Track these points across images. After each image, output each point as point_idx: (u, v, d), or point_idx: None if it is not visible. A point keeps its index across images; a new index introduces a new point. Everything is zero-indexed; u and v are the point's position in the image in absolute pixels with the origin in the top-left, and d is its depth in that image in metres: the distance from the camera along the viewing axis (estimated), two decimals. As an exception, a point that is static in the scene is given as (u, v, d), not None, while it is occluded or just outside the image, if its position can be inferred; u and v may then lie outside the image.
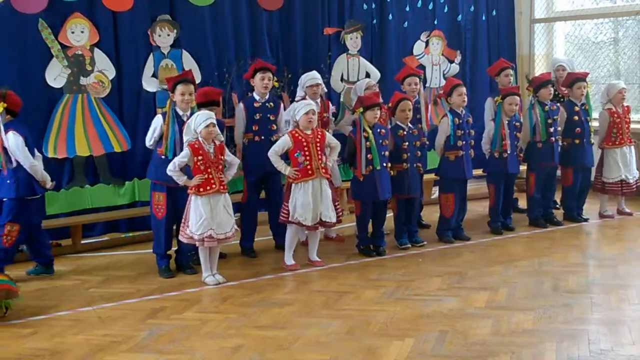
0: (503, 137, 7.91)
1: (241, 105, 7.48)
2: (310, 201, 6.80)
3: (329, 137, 7.09)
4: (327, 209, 6.92)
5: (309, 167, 6.83)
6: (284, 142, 6.90)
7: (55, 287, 6.65)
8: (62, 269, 7.22)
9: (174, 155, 6.58)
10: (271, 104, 7.39)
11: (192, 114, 6.68)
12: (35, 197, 6.71)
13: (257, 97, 7.39)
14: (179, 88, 6.68)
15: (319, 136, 6.92)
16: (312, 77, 7.79)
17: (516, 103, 7.94)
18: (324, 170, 6.89)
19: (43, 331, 5.51)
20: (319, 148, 6.88)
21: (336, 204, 7.11)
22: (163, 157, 6.66)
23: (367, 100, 7.22)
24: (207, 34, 8.69)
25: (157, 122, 6.78)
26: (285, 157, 7.00)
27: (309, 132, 6.87)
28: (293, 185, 6.88)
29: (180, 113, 6.75)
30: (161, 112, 6.92)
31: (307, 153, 6.82)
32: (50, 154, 7.89)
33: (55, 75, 7.89)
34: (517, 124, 8.07)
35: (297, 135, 6.85)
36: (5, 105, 6.46)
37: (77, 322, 5.69)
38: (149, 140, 6.84)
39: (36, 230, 6.90)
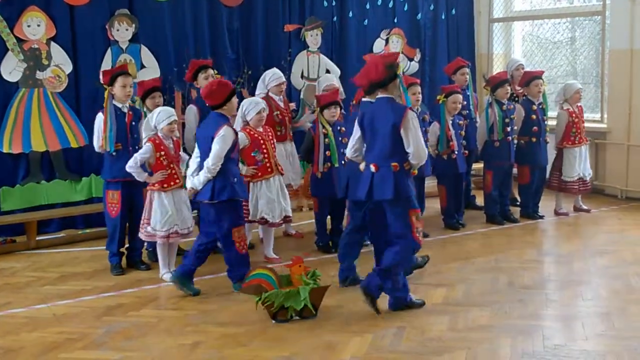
0: (449, 138, 7.94)
1: (193, 107, 7.39)
2: (274, 198, 6.81)
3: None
4: (288, 204, 7.00)
5: (268, 164, 6.82)
6: (240, 140, 6.71)
7: (9, 284, 6.54)
8: (17, 266, 7.12)
9: (125, 148, 6.58)
10: None
11: (133, 108, 6.76)
12: None
13: None
14: (120, 80, 6.62)
15: (271, 133, 6.95)
16: (277, 75, 7.77)
17: (459, 101, 8.00)
18: (280, 167, 6.97)
19: (-4, 329, 5.43)
20: (273, 145, 6.91)
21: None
22: (113, 154, 6.60)
23: (324, 99, 7.24)
24: (167, 29, 8.63)
25: (100, 121, 6.70)
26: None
27: (261, 130, 6.86)
28: (251, 184, 6.84)
29: (120, 105, 6.69)
30: (101, 111, 6.81)
31: (264, 151, 6.82)
32: (5, 149, 7.78)
33: (11, 69, 7.77)
34: (461, 122, 8.11)
35: (253, 133, 6.81)
36: None
37: (32, 319, 5.61)
38: (97, 142, 6.75)
39: None
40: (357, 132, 5.67)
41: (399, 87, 5.55)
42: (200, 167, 6.06)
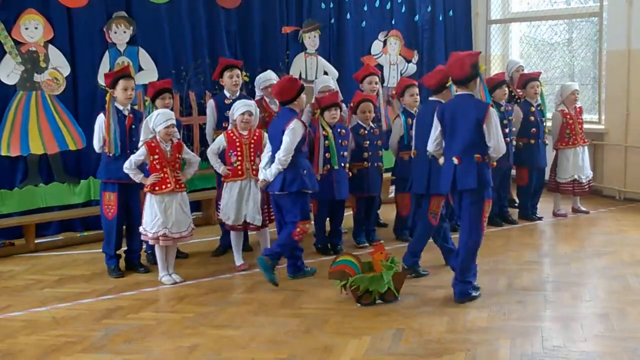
0: None
1: (212, 102, 7.48)
2: (234, 201, 6.75)
3: (266, 137, 6.99)
4: (253, 211, 6.80)
5: (239, 167, 6.76)
6: (218, 141, 6.88)
7: (8, 287, 6.54)
8: (16, 269, 7.12)
9: (123, 151, 6.58)
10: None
11: (135, 111, 6.75)
12: None
13: (227, 94, 7.37)
14: (121, 83, 6.62)
15: (255, 137, 6.85)
16: (266, 77, 7.78)
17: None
18: (255, 172, 6.77)
19: (-5, 332, 5.42)
20: (252, 149, 6.80)
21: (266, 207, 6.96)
22: (110, 155, 6.60)
23: (324, 100, 7.23)
24: (164, 31, 8.63)
25: (101, 122, 6.69)
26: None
27: (244, 133, 6.81)
28: (224, 184, 6.85)
29: (121, 108, 6.69)
30: (102, 112, 6.81)
31: (239, 153, 6.74)
32: (3, 152, 7.77)
33: (9, 72, 7.76)
34: None
35: (231, 135, 6.80)
36: None
37: (31, 322, 5.61)
38: (98, 143, 6.74)
39: None
40: (437, 127, 5.92)
41: (479, 85, 5.90)
42: (271, 160, 6.38)
